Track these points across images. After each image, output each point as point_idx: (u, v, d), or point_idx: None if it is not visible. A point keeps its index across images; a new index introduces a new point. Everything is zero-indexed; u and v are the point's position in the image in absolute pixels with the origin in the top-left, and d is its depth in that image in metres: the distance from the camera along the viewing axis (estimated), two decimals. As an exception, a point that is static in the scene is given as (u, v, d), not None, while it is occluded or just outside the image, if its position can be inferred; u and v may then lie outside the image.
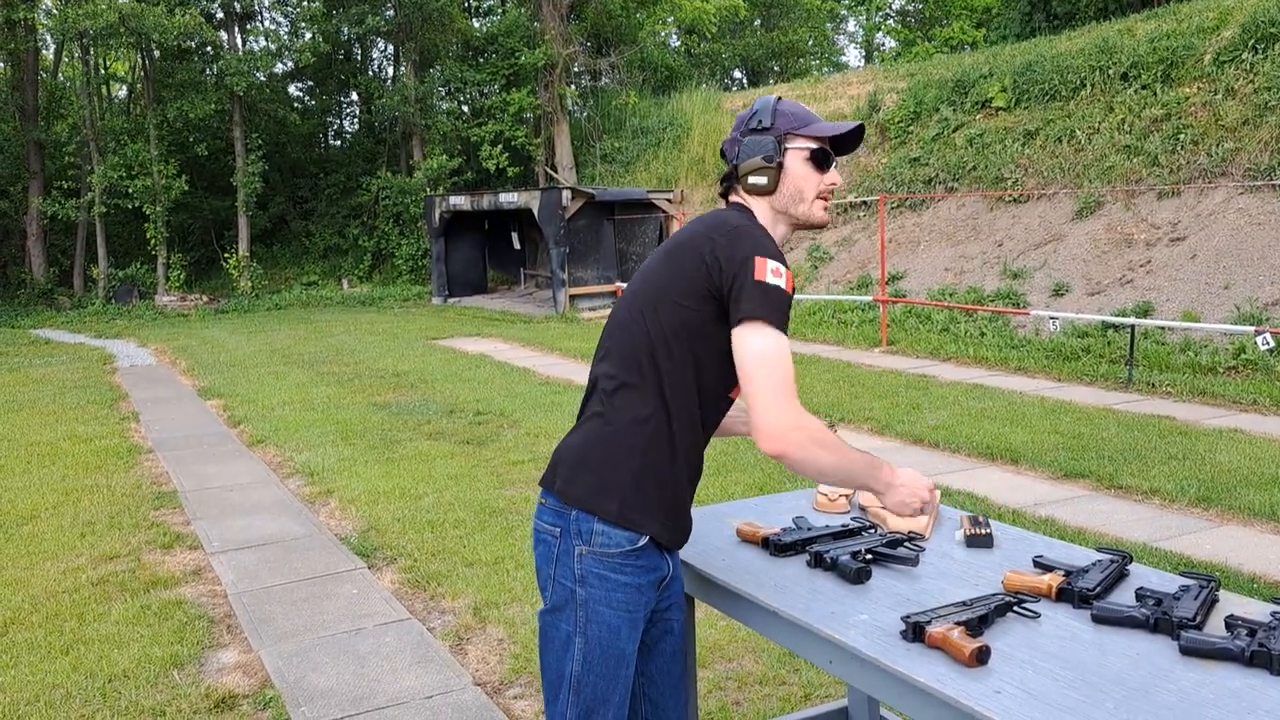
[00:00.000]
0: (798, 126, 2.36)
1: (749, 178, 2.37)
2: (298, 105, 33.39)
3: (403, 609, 5.10)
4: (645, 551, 2.30)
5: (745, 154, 2.38)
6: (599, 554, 2.26)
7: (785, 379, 2.15)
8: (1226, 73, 14.42)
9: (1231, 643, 1.93)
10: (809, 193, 2.37)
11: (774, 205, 2.39)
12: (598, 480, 2.28)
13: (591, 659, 2.26)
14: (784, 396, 2.14)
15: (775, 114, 2.37)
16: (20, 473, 8.17)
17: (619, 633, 2.27)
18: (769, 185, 2.36)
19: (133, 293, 25.46)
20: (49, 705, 4.11)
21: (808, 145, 2.36)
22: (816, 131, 2.36)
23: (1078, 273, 13.76)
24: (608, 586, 2.26)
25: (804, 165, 2.36)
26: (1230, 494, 6.51)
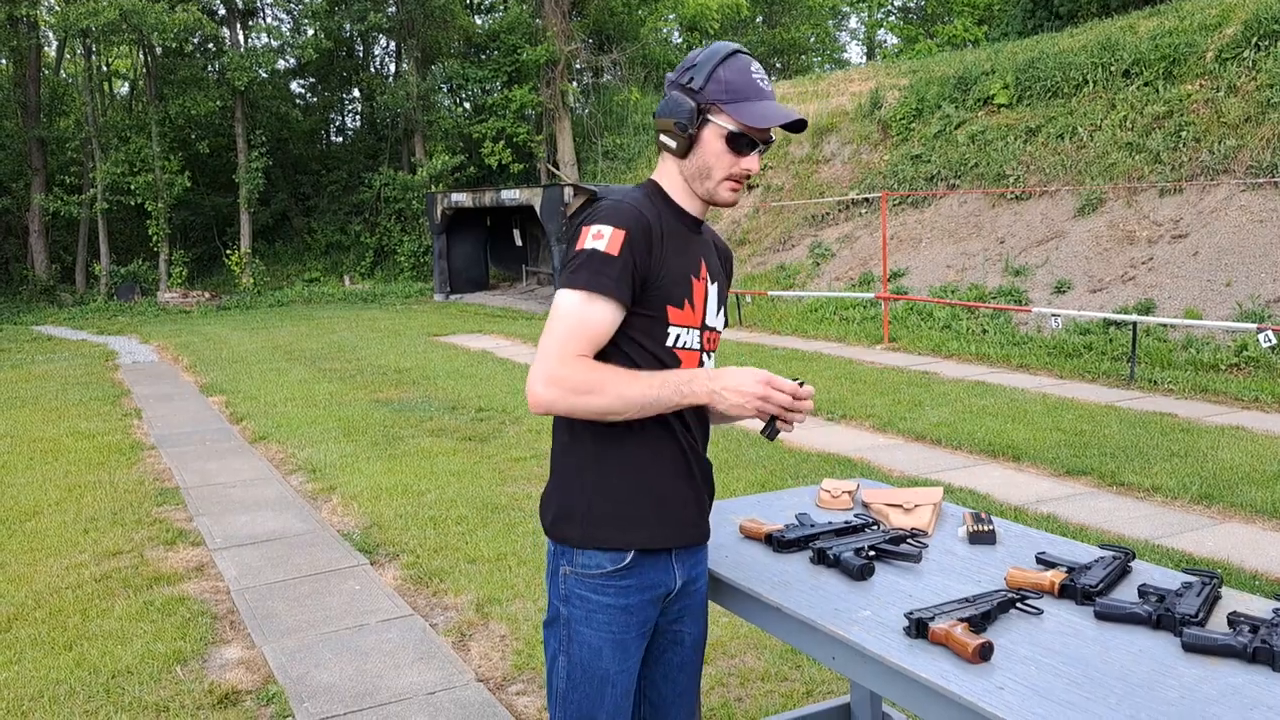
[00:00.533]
0: (725, 101, 2.16)
1: (661, 134, 2.24)
2: (300, 102, 33.40)
3: (405, 605, 5.11)
4: (636, 569, 2.21)
5: (663, 109, 2.22)
6: (580, 574, 2.21)
7: (559, 340, 2.06)
8: (1229, 70, 14.41)
9: (1234, 639, 1.93)
10: (716, 173, 2.20)
11: (682, 171, 2.24)
12: (557, 507, 2.24)
13: (574, 678, 2.22)
14: (547, 356, 2.05)
15: (710, 78, 2.17)
16: (23, 469, 8.18)
17: (600, 654, 2.21)
18: (677, 150, 2.21)
19: (135, 289, 25.49)
20: (53, 701, 4.12)
21: (728, 126, 2.17)
22: (742, 116, 2.15)
23: (1080, 270, 13.75)
24: (588, 607, 2.20)
25: (719, 143, 2.18)
26: (1232, 491, 6.51)
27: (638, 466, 2.20)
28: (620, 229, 2.09)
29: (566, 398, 2.05)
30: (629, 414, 2.08)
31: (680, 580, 2.30)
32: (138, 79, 31.76)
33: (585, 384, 2.04)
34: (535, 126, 27.93)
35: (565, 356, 2.05)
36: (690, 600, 2.36)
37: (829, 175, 20.40)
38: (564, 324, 2.07)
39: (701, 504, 2.32)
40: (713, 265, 2.33)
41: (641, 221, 2.12)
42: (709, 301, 2.29)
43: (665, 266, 2.16)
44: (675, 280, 2.19)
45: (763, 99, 2.18)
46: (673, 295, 2.18)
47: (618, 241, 2.07)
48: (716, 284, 2.33)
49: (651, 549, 2.22)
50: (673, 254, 2.19)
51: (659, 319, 2.18)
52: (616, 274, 2.07)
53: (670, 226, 2.21)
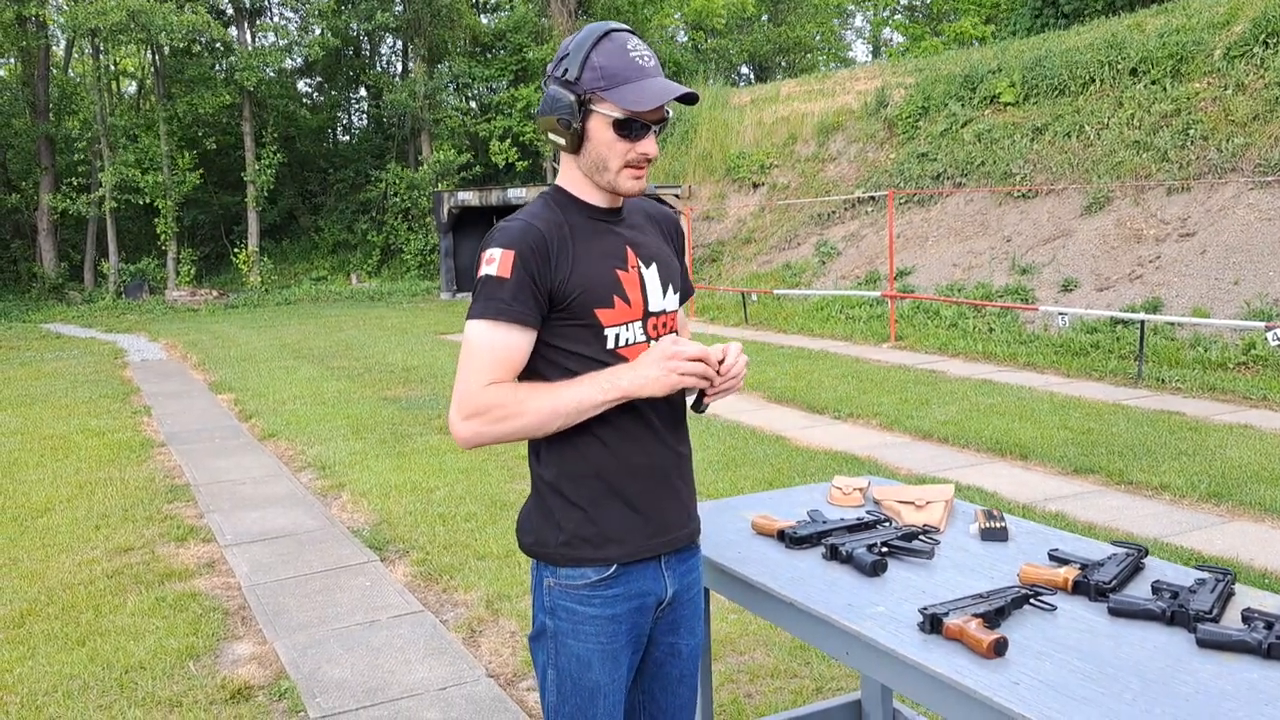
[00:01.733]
0: (604, 87, 2.03)
1: (548, 133, 2.13)
2: (307, 101, 33.45)
3: (415, 601, 5.13)
4: (622, 578, 2.14)
5: (544, 107, 2.10)
6: (564, 586, 2.14)
7: (468, 372, 2.02)
8: (1237, 68, 14.39)
9: (1249, 635, 1.94)
10: (613, 163, 2.08)
11: (580, 167, 2.14)
12: (534, 527, 2.19)
13: (564, 691, 2.17)
14: (458, 390, 2.02)
15: (585, 65, 2.04)
16: (34, 466, 8.22)
17: (589, 665, 2.14)
18: (568, 147, 2.10)
19: (143, 287, 25.55)
20: (67, 696, 4.14)
21: (612, 114, 2.04)
22: (624, 100, 2.02)
23: (1087, 268, 13.74)
24: (575, 619, 2.14)
25: (608, 132, 2.06)
26: (1241, 489, 6.51)
27: (609, 476, 2.12)
28: (508, 249, 2.02)
29: (488, 427, 2.01)
30: (558, 424, 2.03)
31: (672, 589, 2.23)
32: (145, 78, 31.82)
33: (502, 410, 2.00)
34: (542, 125, 27.94)
35: (470, 387, 2.01)
36: (686, 611, 2.29)
37: (835, 174, 20.39)
38: (471, 356, 2.03)
39: (683, 503, 2.24)
40: (647, 247, 2.22)
41: (530, 236, 2.04)
42: (647, 287, 2.17)
43: (576, 272, 2.07)
44: (596, 282, 2.09)
45: (645, 78, 2.05)
46: (598, 298, 2.09)
47: (508, 263, 2.01)
48: (656, 264, 2.21)
49: (636, 559, 2.15)
50: (585, 256, 2.10)
51: (591, 325, 2.09)
52: (511, 296, 2.01)
53: (578, 228, 2.12)
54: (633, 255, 2.17)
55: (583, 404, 2.02)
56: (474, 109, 30.15)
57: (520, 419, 2.00)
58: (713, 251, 21.35)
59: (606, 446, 2.11)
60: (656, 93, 2.03)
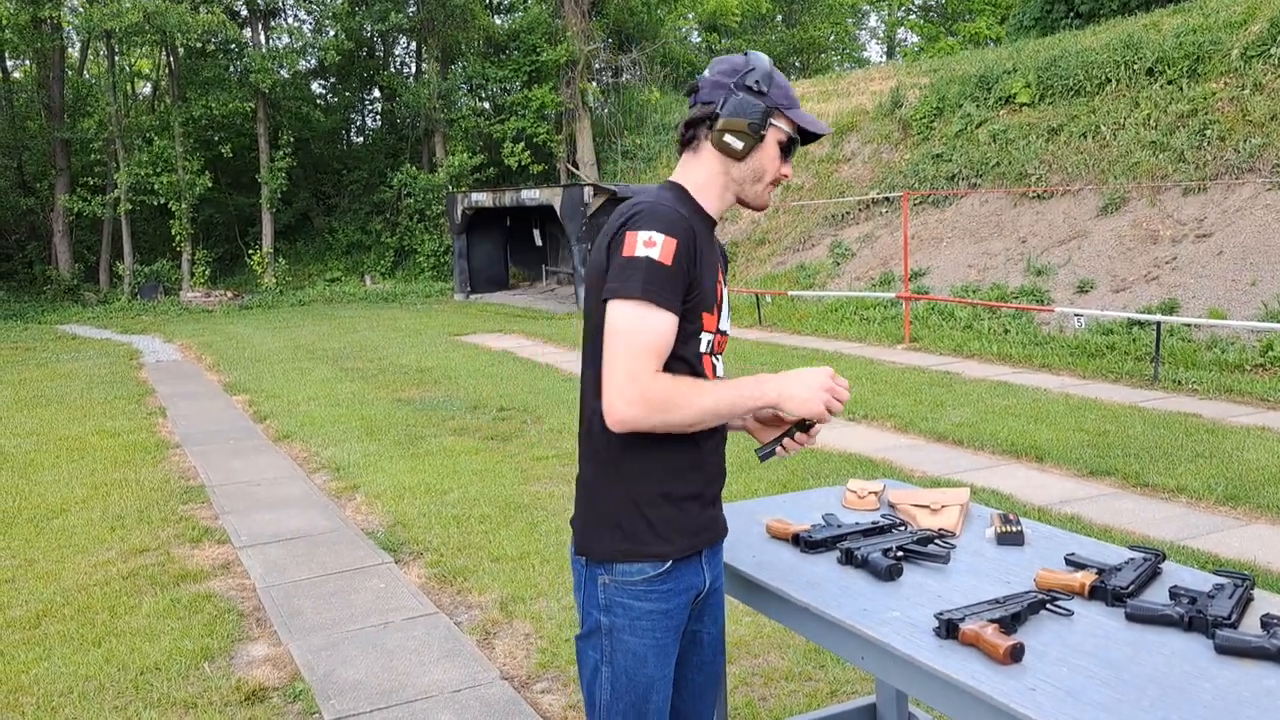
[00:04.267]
0: (785, 106, 2.20)
1: (725, 134, 2.18)
2: (321, 102, 33.53)
3: (430, 603, 5.13)
4: (674, 573, 2.19)
5: (732, 110, 2.17)
6: (621, 582, 2.18)
7: (630, 355, 2.02)
8: (1254, 68, 14.31)
9: (1268, 641, 1.93)
10: (768, 177, 2.22)
11: (731, 173, 2.21)
12: (597, 521, 2.21)
13: (619, 687, 2.20)
14: (623, 371, 2.02)
15: (771, 82, 2.18)
16: (50, 467, 8.25)
17: (645, 661, 2.19)
18: (740, 152, 2.17)
19: (158, 288, 25.65)
20: (82, 697, 4.15)
21: (788, 131, 2.21)
22: (799, 120, 2.21)
23: (1103, 269, 13.68)
24: (632, 615, 2.18)
25: (775, 148, 2.20)
26: (1258, 492, 6.47)
27: (672, 475, 2.17)
28: (672, 238, 2.04)
29: (653, 415, 2.03)
30: (709, 424, 2.09)
31: (708, 580, 2.29)
32: (160, 79, 31.96)
33: (666, 400, 2.02)
34: (555, 126, 27.96)
35: (640, 372, 2.02)
36: (712, 600, 2.36)
37: (849, 174, 20.35)
38: (632, 338, 2.02)
39: (720, 500, 2.35)
40: (724, 269, 2.33)
41: (686, 228, 2.08)
42: (723, 304, 2.26)
43: (702, 274, 2.13)
44: (708, 287, 2.15)
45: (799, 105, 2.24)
46: (706, 302, 2.15)
47: (670, 250, 2.03)
48: (726, 287, 2.30)
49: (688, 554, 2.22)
50: (706, 259, 2.16)
51: (696, 327, 2.14)
52: (673, 285, 2.05)
53: (701, 231, 2.16)
54: (721, 271, 2.27)
55: (735, 407, 2.09)
56: (487, 109, 30.19)
57: (683, 412, 2.05)
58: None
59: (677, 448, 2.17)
60: (820, 123, 2.24)
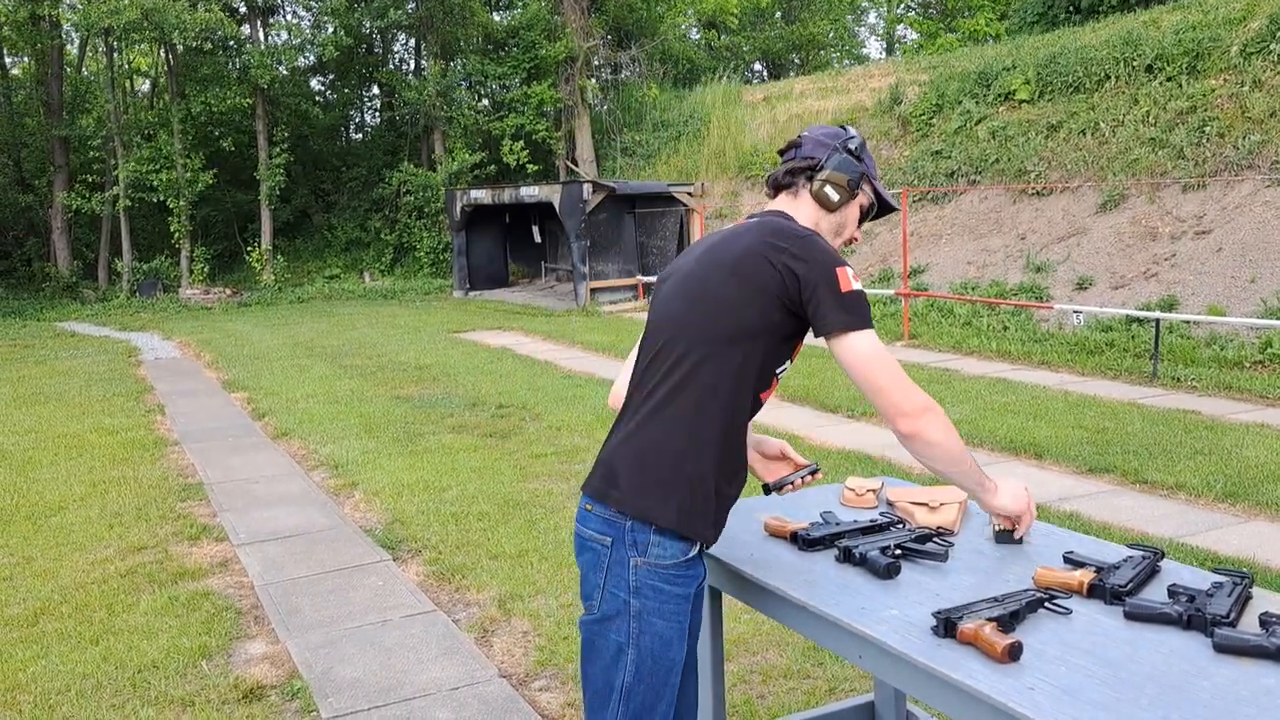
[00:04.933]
0: (873, 175, 2.51)
1: (826, 186, 2.44)
2: (319, 99, 33.49)
3: (428, 601, 5.13)
4: (695, 561, 2.33)
5: (835, 166, 2.45)
6: (654, 565, 2.26)
7: (899, 370, 2.24)
8: (1254, 64, 14.29)
9: (1266, 640, 1.92)
10: (846, 233, 2.50)
11: (820, 223, 2.45)
12: (656, 489, 2.28)
13: (643, 670, 2.27)
14: (908, 383, 2.23)
15: (864, 151, 2.50)
16: (48, 464, 8.25)
17: (671, 643, 2.29)
18: (835, 204, 2.44)
19: (156, 286, 25.61)
20: (80, 695, 4.15)
21: (872, 198, 2.52)
22: (884, 195, 2.53)
23: (1102, 266, 13.68)
24: (662, 598, 2.27)
25: (858, 210, 2.50)
26: (1258, 489, 6.47)
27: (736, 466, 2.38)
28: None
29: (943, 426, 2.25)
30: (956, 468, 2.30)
31: (705, 572, 2.43)
32: (159, 76, 31.93)
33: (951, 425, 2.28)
34: (554, 123, 27.92)
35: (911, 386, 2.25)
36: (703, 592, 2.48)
37: (849, 171, 20.32)
38: (894, 362, 2.24)
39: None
40: None
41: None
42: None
43: None
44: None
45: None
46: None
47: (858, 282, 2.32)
48: None
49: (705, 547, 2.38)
50: None
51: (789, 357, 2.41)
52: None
53: None
54: None
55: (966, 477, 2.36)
56: (487, 106, 30.14)
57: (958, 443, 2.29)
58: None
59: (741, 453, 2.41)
60: (894, 202, 2.59)
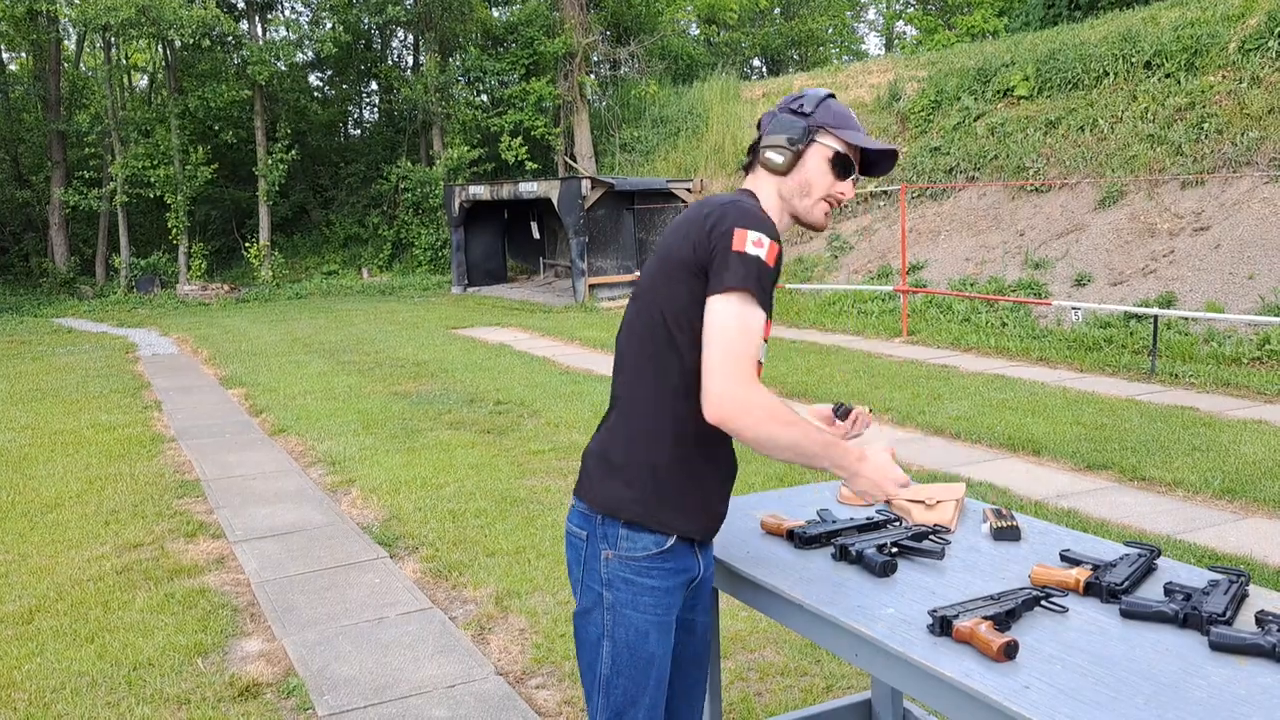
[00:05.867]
0: (833, 124, 2.35)
1: (767, 151, 2.36)
2: (318, 95, 33.46)
3: (425, 598, 5.12)
4: (674, 553, 2.29)
5: (774, 129, 2.37)
6: (624, 558, 2.27)
7: (743, 347, 2.12)
8: (1252, 61, 14.28)
9: (1262, 638, 1.91)
10: (816, 191, 2.35)
11: (780, 190, 2.36)
12: (619, 482, 2.28)
13: (620, 662, 2.27)
14: (736, 363, 2.10)
15: (819, 105, 2.37)
16: (44, 461, 8.23)
17: (647, 636, 2.28)
18: (782, 166, 2.34)
19: (154, 282, 25.58)
20: (75, 693, 4.14)
21: (834, 146, 2.35)
22: (849, 137, 2.35)
23: (1100, 263, 13.67)
24: (634, 590, 2.27)
25: (823, 164, 2.35)
26: (1255, 486, 6.47)
27: (712, 453, 2.31)
28: (775, 243, 2.20)
29: (764, 419, 2.11)
30: (785, 455, 2.15)
31: (703, 568, 2.40)
32: (157, 72, 31.90)
33: (780, 413, 2.13)
34: (553, 119, 27.89)
35: (752, 370, 2.13)
36: (703, 590, 2.47)
37: (847, 168, 20.31)
38: (743, 336, 2.13)
39: (724, 502, 2.43)
40: None
41: (778, 236, 2.25)
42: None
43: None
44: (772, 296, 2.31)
45: (861, 131, 2.39)
46: (770, 308, 2.29)
47: (774, 255, 2.18)
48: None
49: (686, 537, 2.32)
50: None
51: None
52: (770, 288, 2.20)
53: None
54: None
55: (817, 457, 2.19)
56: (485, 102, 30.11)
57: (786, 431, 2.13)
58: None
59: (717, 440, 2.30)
60: (874, 140, 2.37)
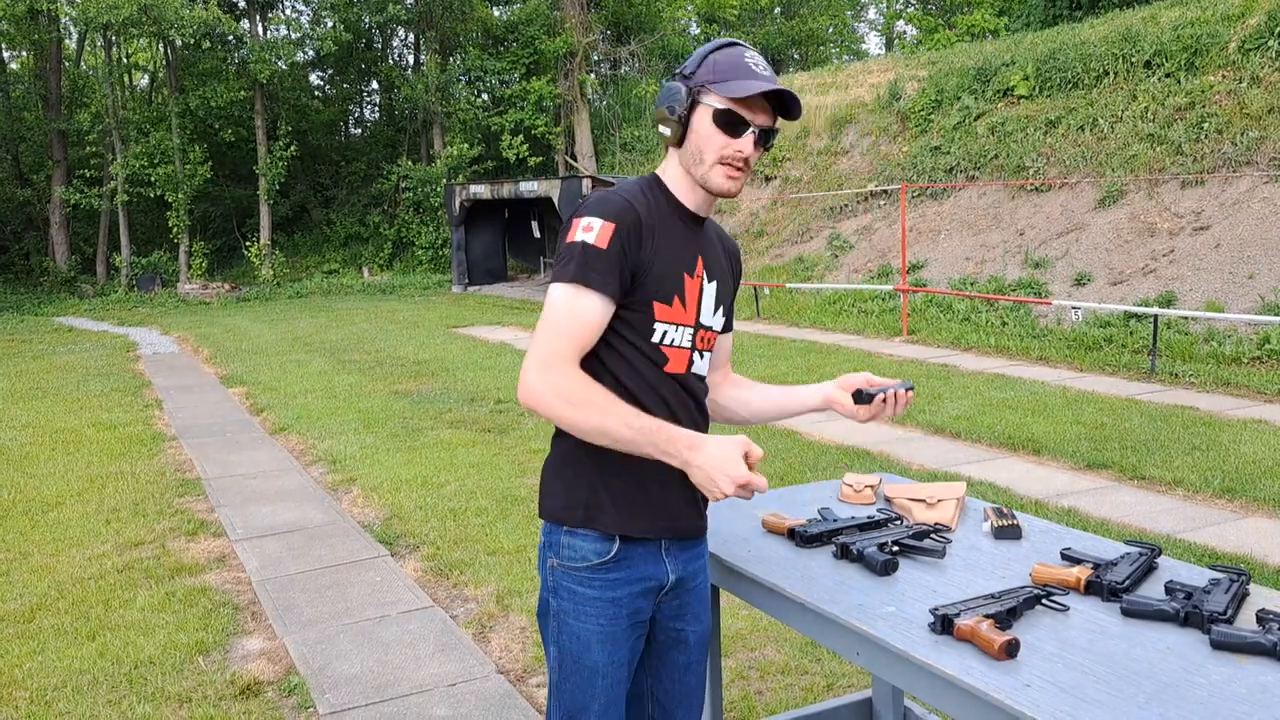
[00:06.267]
0: (713, 81, 2.14)
1: (659, 125, 2.23)
2: (318, 94, 33.47)
3: (426, 597, 5.12)
4: (624, 561, 2.19)
5: (659, 100, 2.21)
6: (567, 566, 2.20)
7: (554, 334, 2.05)
8: (1252, 60, 14.29)
9: (1263, 637, 1.92)
10: (709, 155, 2.15)
11: (681, 161, 2.22)
12: (551, 484, 2.24)
13: (565, 669, 2.22)
14: (537, 351, 2.05)
15: (701, 63, 2.17)
16: (45, 459, 8.24)
17: (589, 646, 2.20)
18: (673, 138, 2.19)
19: (155, 280, 25.60)
20: (76, 691, 4.14)
21: (715, 105, 2.13)
22: (727, 90, 2.12)
23: (1100, 262, 13.67)
24: (576, 599, 2.20)
25: (709, 125, 2.14)
26: (1255, 485, 6.47)
27: (632, 459, 2.11)
28: (610, 221, 2.08)
29: (555, 403, 2.03)
30: (610, 442, 2.04)
31: (674, 575, 2.28)
32: (158, 71, 31.89)
33: (574, 396, 2.02)
34: (553, 118, 27.91)
35: (555, 355, 2.04)
36: (690, 597, 2.34)
37: (847, 167, 20.33)
38: (559, 318, 2.06)
39: (694, 499, 2.29)
40: (714, 263, 2.32)
41: (630, 214, 2.11)
42: (704, 299, 2.26)
43: (656, 261, 2.14)
44: (665, 276, 2.16)
45: (752, 78, 2.13)
46: (661, 291, 2.16)
47: (607, 234, 2.07)
48: (716, 282, 2.30)
49: (640, 539, 2.20)
50: (665, 249, 2.17)
51: (645, 315, 2.16)
52: (605, 267, 2.06)
53: (665, 220, 2.19)
54: (701, 265, 2.26)
55: (635, 443, 2.03)
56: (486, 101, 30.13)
57: (581, 414, 2.02)
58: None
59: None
60: (754, 85, 2.10)
